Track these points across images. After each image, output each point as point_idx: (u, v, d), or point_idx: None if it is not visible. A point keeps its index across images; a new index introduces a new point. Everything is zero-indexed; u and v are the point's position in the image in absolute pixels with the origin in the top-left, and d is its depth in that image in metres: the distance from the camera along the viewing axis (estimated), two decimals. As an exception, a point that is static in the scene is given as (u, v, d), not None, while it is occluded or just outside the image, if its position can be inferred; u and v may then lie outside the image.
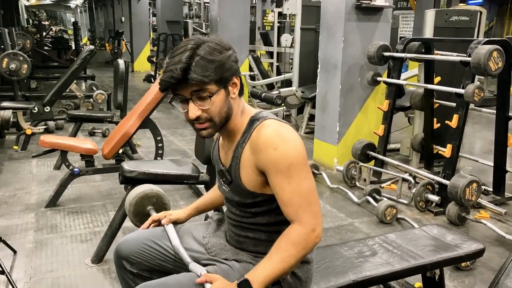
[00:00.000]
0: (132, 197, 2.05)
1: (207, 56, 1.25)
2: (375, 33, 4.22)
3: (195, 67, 1.24)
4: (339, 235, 3.07)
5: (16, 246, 2.69)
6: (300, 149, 1.30)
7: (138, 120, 3.34)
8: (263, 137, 1.29)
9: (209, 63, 1.25)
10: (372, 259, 1.73)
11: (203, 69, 1.24)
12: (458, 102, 3.34)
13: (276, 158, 1.26)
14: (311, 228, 1.28)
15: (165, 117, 6.89)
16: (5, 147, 4.99)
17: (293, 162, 1.27)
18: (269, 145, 1.27)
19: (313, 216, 1.29)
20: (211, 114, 1.30)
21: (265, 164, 1.28)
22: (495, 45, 3.09)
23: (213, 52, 1.26)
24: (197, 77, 1.24)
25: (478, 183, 3.13)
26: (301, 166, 1.28)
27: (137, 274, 1.55)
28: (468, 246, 1.84)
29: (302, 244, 1.27)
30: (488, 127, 6.17)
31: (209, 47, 1.27)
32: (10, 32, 6.52)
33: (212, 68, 1.25)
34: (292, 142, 1.29)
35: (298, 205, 1.28)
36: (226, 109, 1.32)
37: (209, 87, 1.27)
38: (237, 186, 1.38)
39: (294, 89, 5.80)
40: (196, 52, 1.25)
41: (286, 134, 1.30)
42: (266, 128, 1.31)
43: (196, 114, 1.29)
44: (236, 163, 1.37)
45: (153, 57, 10.83)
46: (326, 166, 4.43)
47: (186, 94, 1.28)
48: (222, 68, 1.27)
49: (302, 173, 1.28)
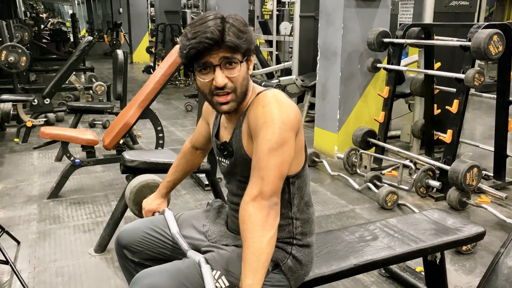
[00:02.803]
0: (133, 186, 2.06)
1: (238, 25, 1.25)
2: (374, 20, 4.20)
3: (229, 31, 1.23)
4: (340, 221, 3.08)
5: (19, 237, 2.71)
6: (292, 115, 1.26)
7: (138, 110, 3.33)
8: (260, 97, 1.31)
9: (240, 32, 1.25)
10: (373, 244, 1.74)
11: (236, 35, 1.24)
12: (458, 87, 3.33)
13: (258, 114, 1.26)
14: (251, 195, 1.20)
15: (165, 108, 6.89)
16: (6, 139, 5.00)
17: (268, 121, 1.23)
18: (260, 103, 1.29)
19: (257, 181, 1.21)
20: (236, 83, 1.28)
21: (252, 122, 1.28)
22: (495, 29, 3.07)
23: (242, 24, 1.27)
24: (235, 40, 1.23)
25: (478, 168, 3.13)
26: (272, 127, 1.23)
27: (138, 262, 1.56)
28: (468, 229, 1.85)
29: (245, 215, 1.19)
30: (489, 112, 6.16)
31: (236, 19, 1.27)
32: (8, 25, 6.48)
33: (244, 37, 1.26)
34: (284, 106, 1.27)
35: (252, 167, 1.24)
36: (246, 82, 1.32)
37: (237, 55, 1.26)
38: (239, 156, 1.37)
39: (294, 78, 5.78)
40: (225, 20, 1.26)
41: (280, 98, 1.30)
42: (267, 91, 1.33)
43: (224, 82, 1.26)
44: (238, 132, 1.36)
45: (152, 48, 10.80)
46: (327, 154, 4.43)
47: (215, 61, 1.25)
48: (250, 40, 1.28)
49: (268, 134, 1.22)
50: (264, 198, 1.20)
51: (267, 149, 1.22)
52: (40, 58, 10.36)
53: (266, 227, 1.19)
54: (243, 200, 1.23)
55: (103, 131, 5.27)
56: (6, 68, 5.31)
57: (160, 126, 3.64)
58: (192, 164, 1.77)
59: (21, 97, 5.03)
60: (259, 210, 1.19)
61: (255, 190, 1.21)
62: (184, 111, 6.64)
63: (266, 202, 1.20)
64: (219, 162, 1.49)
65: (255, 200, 1.20)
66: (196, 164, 1.79)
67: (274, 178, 1.22)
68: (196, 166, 1.80)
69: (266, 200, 1.20)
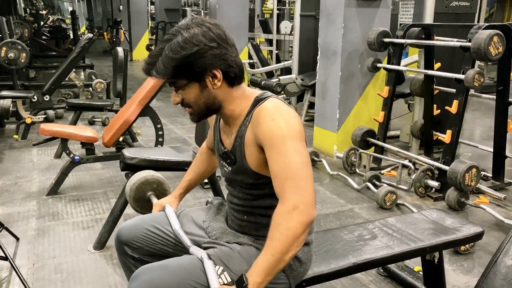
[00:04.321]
0: (132, 183, 2.06)
1: (169, 54, 1.29)
2: (375, 19, 4.20)
3: (159, 63, 1.31)
4: (339, 220, 3.09)
5: (18, 233, 2.71)
6: (297, 124, 1.30)
7: (138, 107, 3.34)
8: (264, 111, 1.32)
9: (169, 60, 1.29)
10: (372, 243, 1.74)
11: (163, 65, 1.30)
12: (458, 88, 3.34)
13: (272, 128, 1.27)
14: (292, 205, 1.21)
15: (165, 106, 6.88)
16: (5, 136, 4.99)
17: (288, 134, 1.26)
18: (268, 117, 1.29)
19: (297, 191, 1.23)
20: (189, 102, 1.38)
21: (263, 135, 1.29)
22: (495, 30, 3.08)
23: (176, 49, 1.28)
24: (158, 75, 1.33)
25: (477, 168, 3.14)
26: (296, 140, 1.27)
27: (138, 259, 1.56)
28: (467, 229, 1.86)
29: (284, 224, 1.21)
30: (488, 113, 6.17)
31: (175, 44, 1.28)
32: (8, 21, 6.47)
33: (171, 66, 1.29)
34: (290, 117, 1.30)
35: (284, 178, 1.25)
36: (203, 100, 1.36)
37: (179, 80, 1.34)
38: (241, 166, 1.38)
39: (293, 77, 5.78)
40: (165, 48, 1.30)
41: (285, 108, 1.32)
42: (268, 103, 1.33)
43: (176, 101, 1.39)
44: (241, 142, 1.37)
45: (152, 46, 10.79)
46: (326, 153, 4.44)
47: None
48: (186, 65, 1.29)
49: (294, 146, 1.26)
50: (307, 208, 1.22)
51: (299, 159, 1.25)
52: (40, 55, 10.34)
53: (299, 244, 1.23)
54: (281, 208, 1.23)
55: (102, 128, 5.26)
56: (5, 65, 5.30)
57: (160, 124, 3.64)
58: (208, 164, 1.77)
59: (21, 94, 5.02)
60: (300, 224, 1.21)
61: (295, 199, 1.22)
62: (184, 109, 6.62)
63: (306, 215, 1.22)
64: (221, 166, 1.50)
65: (297, 210, 1.21)
66: (212, 165, 1.78)
67: (310, 187, 1.25)
68: (212, 166, 1.79)
69: (307, 212, 1.22)
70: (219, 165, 1.53)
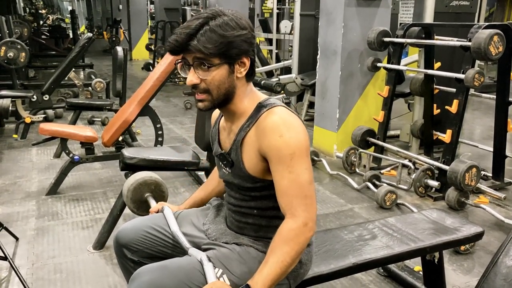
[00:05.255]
0: (130, 184, 2.05)
1: (216, 29, 1.25)
2: (375, 19, 4.19)
3: (201, 36, 1.24)
4: (339, 220, 3.08)
5: (18, 233, 2.71)
6: (304, 141, 1.29)
7: (137, 107, 3.33)
8: (270, 123, 1.29)
9: (217, 36, 1.25)
10: (372, 243, 1.74)
11: (208, 40, 1.24)
12: (458, 87, 3.33)
13: (280, 145, 1.26)
14: (302, 221, 1.26)
15: (164, 105, 6.88)
16: (5, 136, 4.99)
17: (296, 151, 1.26)
18: (275, 132, 1.27)
19: (306, 209, 1.27)
20: (209, 85, 1.30)
21: (269, 150, 1.28)
22: (495, 29, 3.08)
23: (225, 26, 1.26)
24: (197, 46, 1.24)
25: (477, 168, 3.14)
26: (303, 157, 1.27)
27: (138, 261, 1.55)
28: (467, 229, 1.86)
29: (295, 239, 1.25)
30: (488, 113, 6.17)
31: (223, 21, 1.26)
32: (7, 20, 6.45)
33: (217, 42, 1.25)
34: (298, 132, 1.28)
35: (294, 195, 1.27)
36: (226, 85, 1.31)
37: (212, 58, 1.27)
38: (239, 169, 1.38)
39: (293, 76, 5.78)
40: (209, 22, 1.25)
41: (293, 122, 1.29)
42: (274, 115, 1.30)
43: (192, 81, 1.30)
44: (238, 146, 1.36)
45: (152, 45, 10.76)
46: (326, 153, 4.43)
47: (190, 60, 1.29)
48: (229, 45, 1.26)
49: (303, 164, 1.27)
50: (314, 225, 1.29)
51: (308, 178, 1.29)
52: (39, 54, 10.32)
53: (300, 254, 1.30)
54: (292, 223, 1.27)
55: (102, 128, 5.26)
56: (5, 64, 5.29)
57: (160, 123, 3.64)
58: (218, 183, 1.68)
59: (20, 93, 5.02)
60: (307, 240, 1.28)
61: (305, 217, 1.27)
62: (183, 109, 6.63)
63: (313, 231, 1.29)
64: (220, 167, 1.49)
65: (306, 227, 1.27)
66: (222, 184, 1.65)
67: (315, 205, 1.32)
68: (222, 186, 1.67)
69: (314, 228, 1.30)
70: (217, 167, 1.52)
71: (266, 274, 1.23)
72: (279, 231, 1.28)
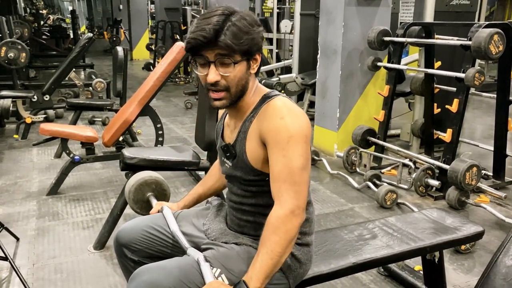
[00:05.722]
0: (131, 184, 2.05)
1: (241, 25, 1.26)
2: (375, 18, 4.19)
3: (227, 31, 1.24)
4: (339, 220, 3.08)
5: (18, 233, 2.71)
6: (306, 128, 1.29)
7: (138, 107, 3.33)
8: (272, 107, 1.31)
9: (242, 32, 1.26)
10: (372, 242, 1.74)
11: (234, 36, 1.24)
12: (459, 87, 3.33)
13: (279, 127, 1.26)
14: (289, 209, 1.24)
15: (165, 105, 6.88)
16: (5, 136, 4.99)
17: (294, 135, 1.25)
18: (277, 114, 1.28)
19: (294, 196, 1.25)
20: (230, 82, 1.30)
21: (268, 131, 1.28)
22: (496, 28, 3.07)
23: (245, 23, 1.27)
24: (228, 42, 1.24)
25: (478, 167, 3.13)
26: (300, 142, 1.27)
27: (138, 261, 1.55)
28: (467, 228, 1.86)
29: (282, 228, 1.23)
30: (489, 112, 6.16)
31: (243, 17, 1.28)
32: (7, 21, 6.46)
33: (243, 39, 1.26)
34: (299, 118, 1.29)
35: (283, 180, 1.25)
36: (244, 82, 1.32)
37: (235, 55, 1.27)
38: (241, 161, 1.38)
39: (294, 76, 5.77)
40: (230, 18, 1.26)
41: (295, 108, 1.31)
42: (278, 101, 1.32)
43: (215, 79, 1.28)
44: (243, 137, 1.37)
45: (152, 45, 10.76)
46: (327, 152, 4.43)
47: (210, 57, 1.27)
48: (252, 41, 1.28)
49: (299, 150, 1.26)
50: (301, 212, 1.27)
51: (301, 164, 1.26)
52: (40, 55, 10.33)
53: (293, 245, 1.29)
54: (279, 211, 1.25)
55: (102, 128, 5.26)
56: (5, 64, 5.30)
57: (160, 123, 3.63)
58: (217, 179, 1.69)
59: (21, 94, 5.02)
60: (295, 227, 1.26)
61: (292, 204, 1.25)
62: (184, 109, 6.63)
63: (301, 218, 1.27)
64: (222, 162, 1.49)
65: (293, 214, 1.25)
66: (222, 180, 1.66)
67: (306, 192, 1.29)
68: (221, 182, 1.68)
69: (301, 215, 1.27)
70: (220, 161, 1.52)
71: (259, 268, 1.23)
72: (268, 220, 1.27)
